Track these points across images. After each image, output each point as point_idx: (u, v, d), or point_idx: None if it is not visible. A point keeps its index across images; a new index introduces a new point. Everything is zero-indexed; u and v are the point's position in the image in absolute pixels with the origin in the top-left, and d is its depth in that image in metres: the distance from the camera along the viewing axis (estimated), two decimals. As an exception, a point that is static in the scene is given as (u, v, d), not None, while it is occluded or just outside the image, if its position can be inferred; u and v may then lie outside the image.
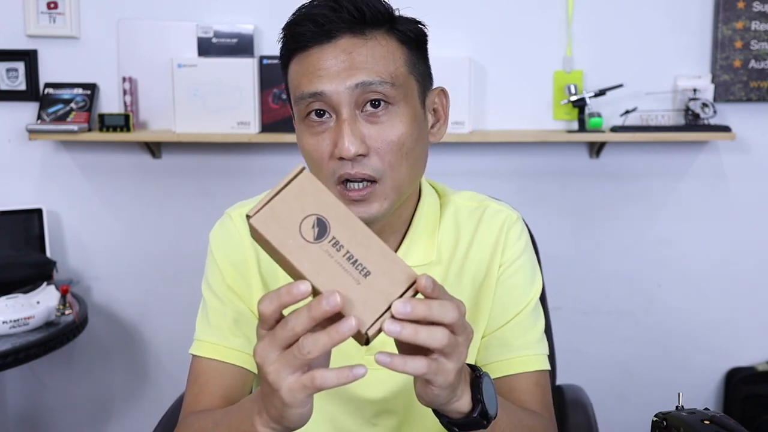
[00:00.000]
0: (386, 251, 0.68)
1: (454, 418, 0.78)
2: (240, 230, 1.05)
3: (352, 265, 0.67)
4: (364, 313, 0.66)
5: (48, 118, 2.25)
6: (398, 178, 0.93)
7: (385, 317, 0.66)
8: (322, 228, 0.67)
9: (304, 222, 0.67)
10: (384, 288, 0.66)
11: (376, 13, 0.91)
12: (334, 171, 0.91)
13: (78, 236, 2.37)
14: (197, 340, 1.04)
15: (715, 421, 0.81)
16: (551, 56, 2.27)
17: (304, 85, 0.91)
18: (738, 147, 2.32)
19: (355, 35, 0.91)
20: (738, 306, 2.39)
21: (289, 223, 0.67)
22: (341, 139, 0.89)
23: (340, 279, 0.66)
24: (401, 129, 0.92)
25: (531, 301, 1.05)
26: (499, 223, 1.06)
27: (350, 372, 0.65)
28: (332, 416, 1.04)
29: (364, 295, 0.66)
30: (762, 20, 2.25)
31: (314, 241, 0.67)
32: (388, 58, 0.91)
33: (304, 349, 0.65)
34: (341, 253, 0.67)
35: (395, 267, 0.67)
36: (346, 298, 0.65)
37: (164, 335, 2.42)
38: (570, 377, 1.65)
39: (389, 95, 0.91)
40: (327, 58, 0.90)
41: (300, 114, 0.93)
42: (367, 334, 0.66)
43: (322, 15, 0.90)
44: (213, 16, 2.26)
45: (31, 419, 2.46)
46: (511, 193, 2.28)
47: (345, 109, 0.90)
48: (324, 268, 0.66)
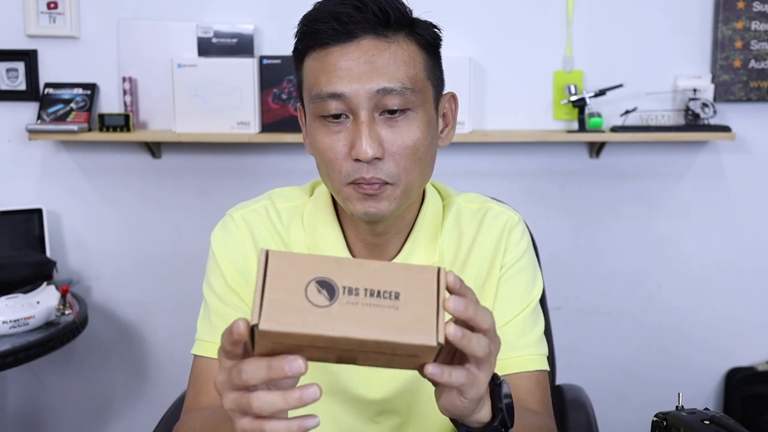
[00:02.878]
0: (395, 266, 0.65)
1: (473, 428, 0.77)
2: (241, 231, 1.05)
3: (379, 298, 0.64)
4: (423, 330, 0.63)
5: (48, 118, 2.25)
6: (409, 182, 0.93)
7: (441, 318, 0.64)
8: (328, 287, 0.63)
9: (309, 292, 0.63)
10: (420, 294, 0.64)
11: (400, 16, 0.91)
12: (348, 173, 0.91)
13: (78, 236, 2.37)
14: (198, 341, 1.04)
15: (715, 421, 0.81)
16: (551, 56, 2.27)
17: (323, 83, 0.90)
18: (738, 147, 2.32)
19: (378, 37, 0.90)
20: (738, 306, 2.39)
21: (296, 302, 0.63)
22: (359, 141, 0.89)
23: (380, 317, 0.63)
24: (417, 134, 0.92)
25: (531, 303, 1.05)
26: (500, 225, 1.06)
27: (300, 423, 0.64)
28: (334, 415, 1.04)
29: (410, 314, 0.63)
30: (762, 20, 2.25)
31: (330, 302, 0.63)
32: (409, 63, 0.91)
33: (254, 406, 0.64)
34: (361, 295, 0.63)
35: (414, 271, 0.65)
36: (397, 329, 0.63)
37: (164, 335, 2.42)
38: (570, 377, 1.65)
39: (409, 101, 0.91)
40: (349, 58, 0.89)
41: (315, 111, 0.92)
42: (440, 344, 0.63)
43: (346, 14, 0.88)
44: (213, 16, 2.26)
45: (31, 419, 2.46)
46: (511, 193, 2.28)
47: (364, 111, 0.89)
48: (360, 319, 0.62)
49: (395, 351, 0.64)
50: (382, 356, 0.66)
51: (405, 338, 0.63)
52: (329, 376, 1.01)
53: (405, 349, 0.64)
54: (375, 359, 0.67)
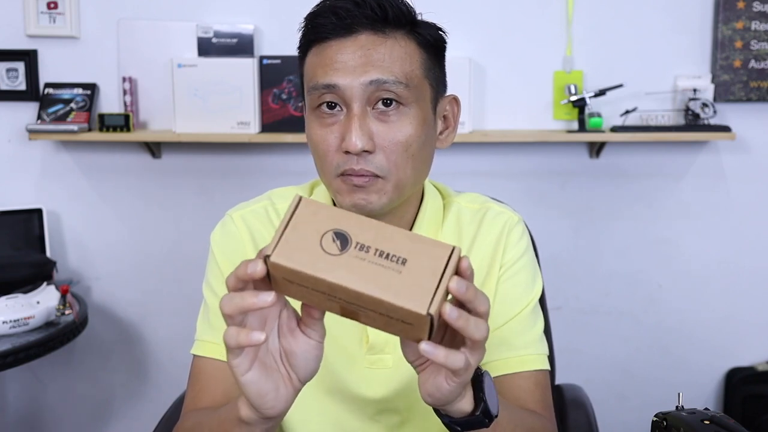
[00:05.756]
0: (412, 235, 0.68)
1: (455, 418, 0.78)
2: (241, 231, 1.05)
3: (386, 259, 0.66)
4: (418, 298, 0.65)
5: (48, 118, 2.25)
6: (401, 178, 0.94)
7: (438, 293, 0.65)
8: (342, 239, 0.67)
9: (324, 240, 0.67)
10: (427, 265, 0.66)
11: (398, 14, 0.92)
12: (338, 164, 0.92)
13: (78, 236, 2.37)
14: (198, 341, 1.04)
15: (715, 421, 0.81)
16: (551, 56, 2.27)
17: (319, 75, 0.92)
18: (738, 147, 2.32)
19: (375, 33, 0.92)
20: (738, 306, 2.39)
21: (310, 245, 0.67)
22: (349, 133, 0.90)
23: (381, 276, 0.66)
24: (409, 130, 0.92)
25: (531, 302, 1.05)
26: (500, 225, 1.06)
27: (249, 334, 0.68)
28: (334, 414, 1.04)
29: (410, 281, 0.65)
30: (762, 20, 2.25)
31: (341, 252, 0.66)
32: (405, 59, 0.92)
33: (221, 305, 0.69)
34: (371, 253, 0.66)
35: (428, 244, 0.67)
36: (395, 291, 0.65)
37: (164, 335, 2.42)
38: (570, 377, 1.65)
39: (402, 96, 0.91)
40: (345, 51, 0.91)
41: (311, 104, 0.94)
42: (430, 314, 0.65)
43: (345, 9, 0.91)
44: (213, 16, 2.26)
45: (31, 419, 2.46)
46: (511, 193, 2.28)
47: (356, 104, 0.91)
48: (362, 273, 0.66)
49: (389, 313, 0.66)
50: (380, 317, 0.68)
51: (398, 300, 0.65)
52: (329, 376, 1.02)
53: (398, 313, 0.66)
54: (374, 319, 0.69)
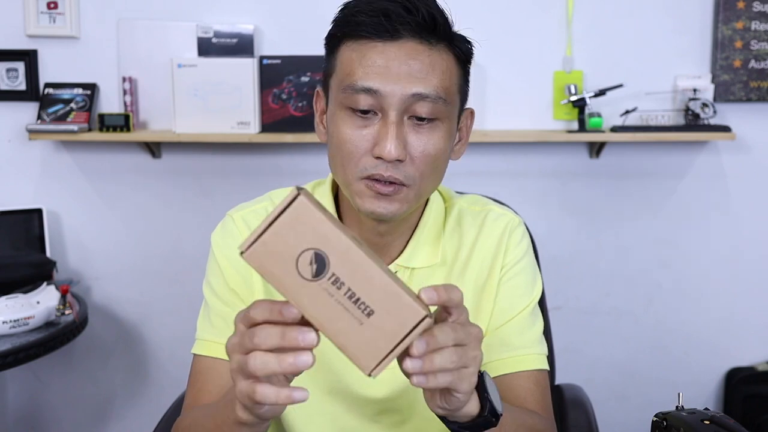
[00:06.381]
0: (390, 286, 0.64)
1: (464, 422, 0.78)
2: (241, 231, 1.05)
3: (354, 304, 0.63)
4: (366, 356, 0.64)
5: (48, 118, 2.25)
6: (423, 188, 0.94)
7: (390, 357, 0.64)
8: (321, 264, 0.63)
9: (302, 257, 0.63)
10: (390, 326, 0.64)
11: (446, 26, 0.92)
12: (365, 167, 0.91)
13: (78, 236, 2.37)
14: (199, 340, 1.05)
15: (715, 421, 0.81)
16: (551, 56, 2.27)
17: (359, 76, 0.90)
18: (738, 147, 2.32)
19: (421, 42, 0.90)
20: (738, 306, 2.39)
21: (285, 258, 0.63)
22: (385, 141, 0.89)
23: (342, 320, 0.63)
24: (440, 144, 0.93)
25: (531, 303, 1.06)
26: (501, 227, 1.07)
27: (290, 393, 0.65)
28: (334, 415, 1.04)
29: (367, 336, 0.64)
30: (762, 20, 2.25)
31: (312, 279, 0.63)
32: (445, 73, 0.92)
33: (250, 364, 0.65)
34: (342, 291, 0.63)
35: (400, 303, 0.64)
36: (348, 339, 0.64)
37: (164, 335, 2.42)
38: (570, 377, 1.65)
39: (439, 111, 0.91)
40: (389, 57, 0.89)
41: (343, 102, 0.92)
42: (370, 375, 0.65)
43: (396, 12, 0.88)
44: (213, 16, 2.26)
45: (31, 419, 2.46)
46: (511, 193, 2.27)
47: (394, 112, 0.89)
48: (324, 309, 0.63)
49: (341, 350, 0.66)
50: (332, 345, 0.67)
51: (347, 350, 0.64)
52: (330, 375, 1.02)
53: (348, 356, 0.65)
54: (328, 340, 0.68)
